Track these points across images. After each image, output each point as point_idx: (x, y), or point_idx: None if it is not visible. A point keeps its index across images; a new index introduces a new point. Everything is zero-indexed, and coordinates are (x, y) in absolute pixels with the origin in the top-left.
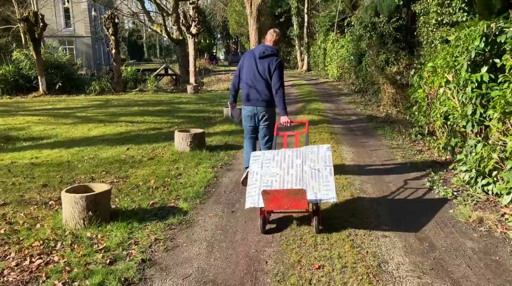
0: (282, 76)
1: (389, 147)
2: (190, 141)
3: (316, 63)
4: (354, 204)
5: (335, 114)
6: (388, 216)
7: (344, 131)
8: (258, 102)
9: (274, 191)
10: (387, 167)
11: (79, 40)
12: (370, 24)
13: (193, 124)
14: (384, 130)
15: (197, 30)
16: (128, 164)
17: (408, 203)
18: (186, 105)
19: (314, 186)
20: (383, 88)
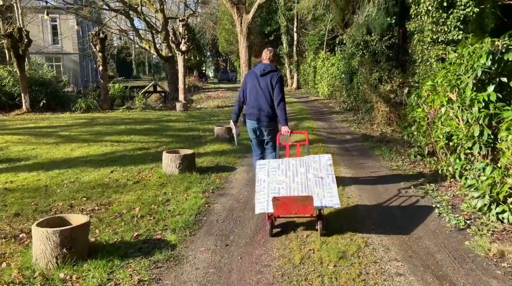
0: (283, 89)
1: (389, 169)
2: (179, 163)
3: (306, 81)
4: (364, 239)
5: (329, 133)
6: (398, 249)
7: (341, 152)
8: (262, 117)
9: (283, 198)
10: (390, 193)
11: (67, 57)
12: (362, 42)
13: (182, 143)
14: (381, 151)
15: (186, 47)
16: (112, 188)
17: (419, 235)
18: (175, 124)
19: (319, 193)
20: (377, 107)
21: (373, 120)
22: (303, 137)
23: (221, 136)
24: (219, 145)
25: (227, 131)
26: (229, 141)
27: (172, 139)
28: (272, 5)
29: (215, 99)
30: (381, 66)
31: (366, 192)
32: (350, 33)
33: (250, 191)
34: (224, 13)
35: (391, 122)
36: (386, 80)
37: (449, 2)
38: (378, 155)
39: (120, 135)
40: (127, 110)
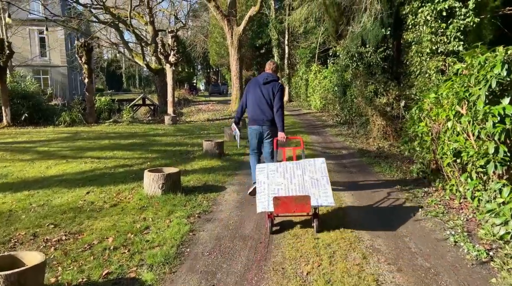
0: (282, 98)
1: (391, 187)
2: (162, 184)
3: (297, 94)
4: (375, 277)
5: (324, 147)
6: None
7: (338, 168)
8: (263, 122)
9: (283, 197)
10: (398, 217)
11: (54, 69)
12: (357, 53)
13: (169, 160)
14: (381, 167)
15: (175, 59)
16: (85, 212)
17: (437, 271)
18: (162, 138)
19: (315, 193)
20: (372, 120)
21: (368, 134)
22: (299, 142)
23: (210, 152)
24: (208, 161)
25: (216, 146)
26: (218, 157)
27: (158, 155)
28: (263, 18)
29: (205, 112)
30: (376, 78)
31: (369, 218)
32: (344, 45)
33: (241, 215)
34: (215, 26)
35: (388, 136)
36: (382, 93)
37: (448, 12)
38: (378, 172)
39: (103, 151)
40: (113, 124)
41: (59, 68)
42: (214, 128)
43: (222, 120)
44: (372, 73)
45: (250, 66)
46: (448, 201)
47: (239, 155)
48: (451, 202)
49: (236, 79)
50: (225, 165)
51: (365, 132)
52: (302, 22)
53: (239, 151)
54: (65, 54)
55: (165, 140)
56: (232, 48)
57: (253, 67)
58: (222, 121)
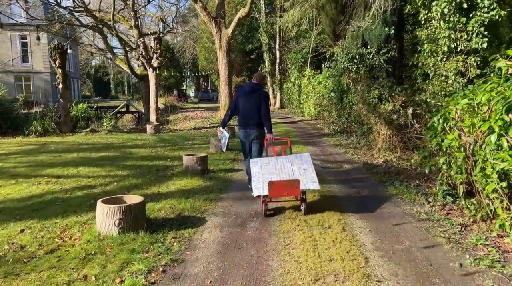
0: (268, 104)
1: (416, 219)
2: (119, 219)
3: (290, 100)
4: None
5: (323, 161)
6: None
7: (345, 190)
8: (251, 125)
9: (277, 182)
10: (436, 263)
11: (37, 76)
12: (358, 55)
13: (141, 178)
14: (396, 188)
15: (159, 63)
16: (6, 265)
17: None
18: (140, 150)
19: (303, 180)
20: (376, 129)
21: (371, 144)
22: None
23: (192, 168)
24: (188, 180)
25: (198, 162)
26: (201, 175)
27: (130, 172)
28: (253, 23)
29: (192, 120)
30: (380, 82)
31: (403, 276)
32: (343, 46)
33: (224, 268)
34: (204, 31)
35: (394, 147)
36: (387, 98)
37: (469, 3)
38: (394, 194)
39: (65, 168)
40: (90, 133)
41: (41, 74)
42: (200, 138)
43: (210, 128)
44: (375, 77)
45: (240, 72)
46: (497, 239)
47: (226, 171)
48: (502, 242)
49: (225, 85)
50: (208, 185)
51: (367, 142)
52: (294, 24)
53: (226, 165)
54: (48, 60)
55: (143, 153)
56: (220, 52)
57: (243, 73)
58: (210, 130)
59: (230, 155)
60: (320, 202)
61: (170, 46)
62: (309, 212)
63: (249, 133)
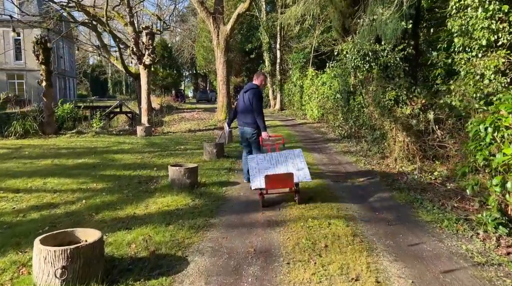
0: (260, 102)
1: (470, 263)
2: (62, 268)
3: (291, 102)
4: None
5: (333, 172)
6: None
7: (366, 214)
8: (247, 124)
9: (272, 175)
10: None
11: (30, 74)
12: (370, 52)
13: (118, 194)
14: (429, 213)
15: (151, 60)
16: None
17: None
18: (124, 156)
19: (296, 173)
20: (392, 136)
21: (384, 152)
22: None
23: (179, 182)
24: (172, 197)
25: (187, 174)
26: (190, 190)
27: (106, 185)
28: (253, 21)
29: (188, 121)
30: (396, 82)
31: None
32: (354, 41)
33: None
34: (202, 30)
35: (413, 156)
36: (404, 101)
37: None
38: (429, 221)
39: (31, 178)
40: (76, 135)
41: (35, 72)
42: (194, 142)
43: (206, 131)
44: (390, 77)
45: (240, 72)
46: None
47: (220, 185)
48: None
49: (223, 84)
50: (197, 204)
51: (380, 150)
52: (297, 21)
53: (220, 177)
54: None
55: (127, 160)
56: (218, 50)
57: (242, 73)
58: (205, 132)
59: (225, 163)
60: (339, 231)
61: (168, 45)
62: (328, 251)
63: (244, 131)
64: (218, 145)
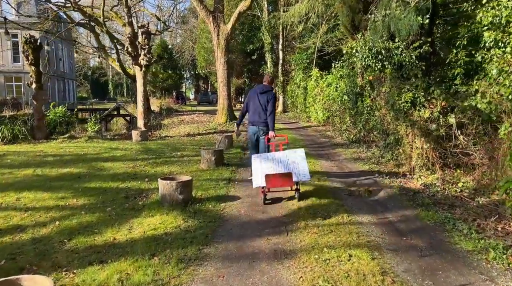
0: (274, 104)
1: None
2: None
3: (294, 104)
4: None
5: (344, 183)
6: None
7: (391, 240)
8: (260, 123)
9: (273, 174)
10: None
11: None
12: (384, 50)
13: (98, 212)
14: (468, 239)
15: (147, 61)
16: None
17: None
18: (114, 165)
19: (296, 172)
20: (408, 142)
21: (399, 159)
22: (284, 138)
23: (170, 198)
24: (162, 217)
25: (179, 188)
26: (182, 207)
27: (88, 200)
28: (255, 21)
29: (188, 124)
30: (412, 83)
31: None
32: (365, 38)
33: None
34: (203, 31)
35: (432, 164)
36: (422, 103)
37: None
38: (471, 251)
39: (3, 193)
40: (68, 140)
41: None
42: (192, 147)
43: (205, 135)
44: (404, 77)
45: (241, 73)
46: None
47: (217, 201)
48: None
49: (223, 86)
50: (190, 227)
51: (394, 156)
52: (302, 17)
53: (218, 190)
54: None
55: (117, 168)
56: (218, 50)
57: (244, 75)
58: (205, 136)
59: (224, 172)
60: (363, 267)
61: (168, 47)
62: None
63: (257, 130)
64: (217, 152)
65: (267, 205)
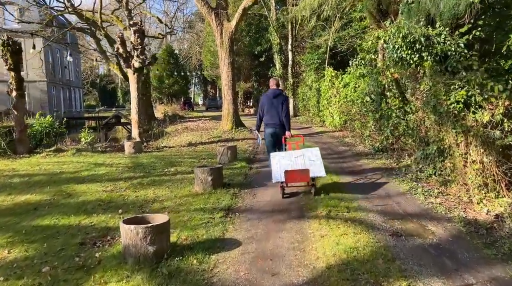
0: (288, 106)
1: None
2: None
3: (305, 107)
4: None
5: (384, 214)
6: None
7: None
8: (276, 125)
9: (291, 171)
10: None
11: (32, 85)
12: (423, 38)
13: (26, 278)
14: None
15: (140, 63)
16: None
17: None
18: (89, 187)
19: (312, 169)
20: (460, 153)
21: (444, 175)
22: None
23: (136, 251)
24: None
25: (149, 236)
26: (151, 270)
27: (25, 252)
28: (262, 22)
29: (191, 132)
30: (462, 78)
31: None
32: (398, 24)
33: None
34: (209, 34)
35: (497, 184)
36: (479, 103)
37: None
38: None
39: None
40: (53, 154)
41: (37, 83)
42: (190, 161)
43: (209, 144)
44: (449, 70)
45: (249, 77)
46: None
47: (208, 250)
48: None
49: (228, 89)
50: None
51: (437, 171)
52: (315, 10)
53: (211, 229)
54: (43, 68)
55: (91, 193)
56: (222, 50)
57: (252, 78)
58: (208, 146)
59: (223, 197)
60: None
61: (174, 51)
62: None
63: (274, 131)
64: (215, 171)
65: (279, 259)
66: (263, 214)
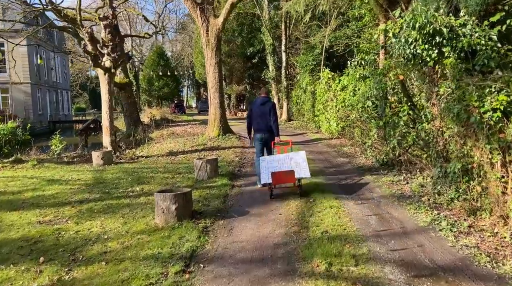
0: (276, 113)
1: None
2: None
3: (300, 111)
4: None
5: (407, 265)
6: None
7: None
8: (265, 131)
9: (278, 172)
10: None
11: (16, 87)
12: (445, 29)
13: None
14: None
15: (112, 62)
16: None
17: None
18: (23, 216)
19: (297, 170)
20: (498, 178)
21: (470, 200)
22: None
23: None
24: None
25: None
26: None
27: None
28: (255, 22)
29: (176, 137)
30: (496, 78)
31: None
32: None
33: None
34: (200, 35)
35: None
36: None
37: None
38: None
39: None
40: (10, 165)
41: (21, 85)
42: (162, 176)
43: (191, 153)
44: (477, 70)
45: (241, 79)
46: None
47: None
48: None
49: (215, 92)
50: None
51: (461, 195)
52: (308, 7)
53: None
54: (28, 69)
55: (19, 226)
56: (208, 49)
57: (244, 81)
58: (189, 155)
59: (190, 234)
60: None
61: (164, 53)
62: None
63: (263, 137)
64: (180, 198)
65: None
66: (238, 267)
